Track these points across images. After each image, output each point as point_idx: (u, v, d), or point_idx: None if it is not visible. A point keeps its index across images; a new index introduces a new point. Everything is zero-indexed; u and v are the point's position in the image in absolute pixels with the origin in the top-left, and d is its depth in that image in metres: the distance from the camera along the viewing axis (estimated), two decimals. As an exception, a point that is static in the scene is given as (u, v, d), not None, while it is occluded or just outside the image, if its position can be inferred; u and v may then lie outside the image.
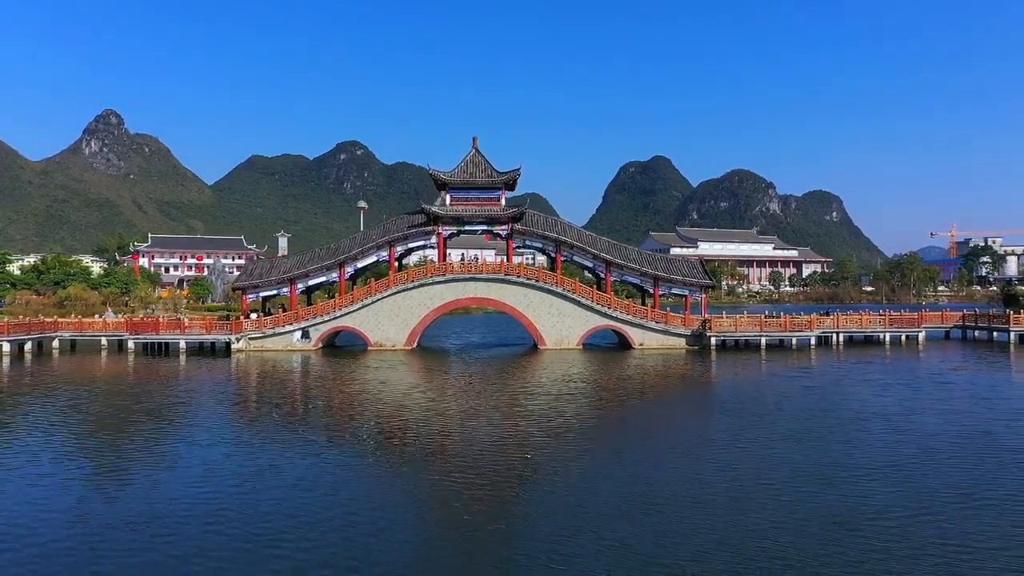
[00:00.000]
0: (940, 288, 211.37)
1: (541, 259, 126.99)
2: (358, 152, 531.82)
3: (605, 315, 61.11)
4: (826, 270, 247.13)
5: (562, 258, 62.85)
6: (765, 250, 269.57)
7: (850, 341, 65.04)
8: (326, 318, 60.79)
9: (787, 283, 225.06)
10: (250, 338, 60.38)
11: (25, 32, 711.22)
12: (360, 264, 63.14)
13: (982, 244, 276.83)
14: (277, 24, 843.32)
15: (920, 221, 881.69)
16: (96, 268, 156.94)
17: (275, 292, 63.34)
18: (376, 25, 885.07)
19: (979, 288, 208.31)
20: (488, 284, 61.25)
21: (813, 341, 62.01)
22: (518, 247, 64.29)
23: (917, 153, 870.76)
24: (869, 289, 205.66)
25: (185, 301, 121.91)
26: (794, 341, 62.36)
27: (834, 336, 64.69)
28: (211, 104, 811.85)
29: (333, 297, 64.78)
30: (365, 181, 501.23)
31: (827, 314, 67.66)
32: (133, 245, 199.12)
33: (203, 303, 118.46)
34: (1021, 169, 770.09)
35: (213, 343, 61.01)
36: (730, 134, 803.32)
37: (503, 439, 26.97)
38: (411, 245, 63.44)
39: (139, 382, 43.69)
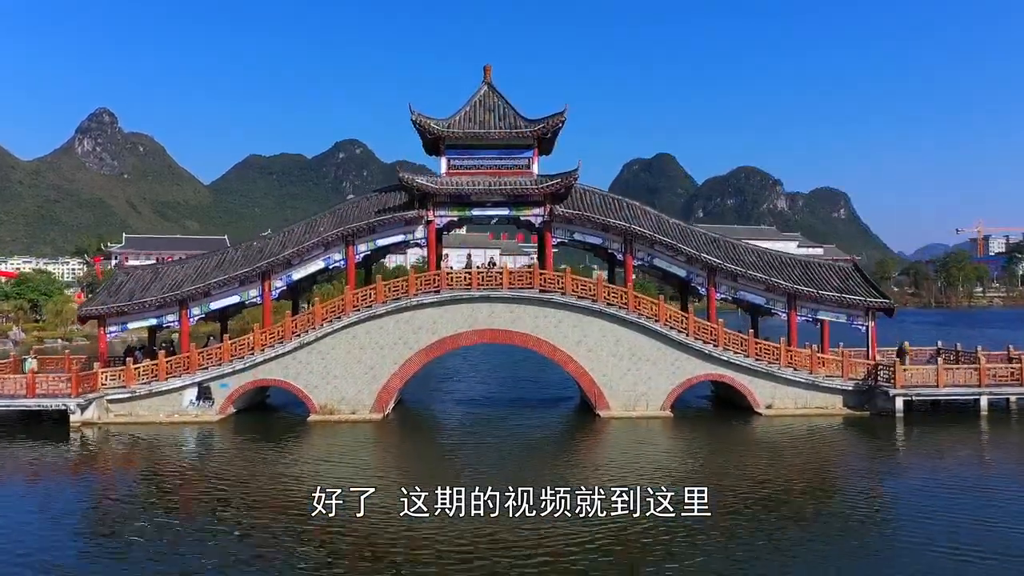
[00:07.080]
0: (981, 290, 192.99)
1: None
2: (357, 151, 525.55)
3: (709, 358, 36.07)
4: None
5: (634, 262, 37.77)
6: (789, 248, 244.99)
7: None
8: (239, 366, 35.63)
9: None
10: (109, 401, 35.52)
11: (19, 30, 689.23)
12: (297, 274, 37.87)
13: (1021, 240, 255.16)
14: (276, 22, 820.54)
15: (926, 219, 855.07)
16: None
17: (155, 321, 37.93)
18: (377, 24, 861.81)
19: None
20: (511, 307, 35.99)
21: (1068, 402, 36.65)
22: (559, 244, 39.02)
23: (924, 150, 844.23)
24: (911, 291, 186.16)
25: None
26: (1012, 399, 37.14)
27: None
28: (207, 103, 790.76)
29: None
30: (364, 180, 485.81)
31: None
32: (105, 246, 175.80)
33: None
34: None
35: (66, 408, 34.93)
36: (735, 131, 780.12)
37: None
38: (382, 241, 37.61)
39: None
